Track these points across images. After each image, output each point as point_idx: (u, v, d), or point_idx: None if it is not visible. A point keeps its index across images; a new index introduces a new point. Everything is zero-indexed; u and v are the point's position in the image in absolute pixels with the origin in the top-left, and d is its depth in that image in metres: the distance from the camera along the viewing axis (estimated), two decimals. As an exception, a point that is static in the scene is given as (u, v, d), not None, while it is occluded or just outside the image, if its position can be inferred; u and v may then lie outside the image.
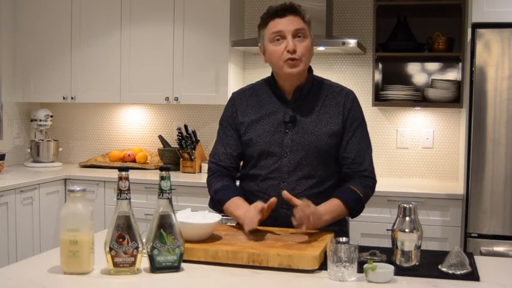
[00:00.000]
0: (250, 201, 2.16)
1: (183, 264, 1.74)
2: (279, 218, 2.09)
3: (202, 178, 3.94)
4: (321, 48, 3.84)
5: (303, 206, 1.95)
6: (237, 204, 2.13)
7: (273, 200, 1.99)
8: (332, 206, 2.09)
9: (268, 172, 2.17)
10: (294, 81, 2.17)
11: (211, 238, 1.90)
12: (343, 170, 2.20)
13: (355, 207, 2.15)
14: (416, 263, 1.77)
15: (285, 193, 1.99)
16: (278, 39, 2.11)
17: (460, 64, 3.77)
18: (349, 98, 2.20)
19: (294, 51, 2.09)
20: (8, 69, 4.43)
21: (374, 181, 2.22)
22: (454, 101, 3.76)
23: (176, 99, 4.17)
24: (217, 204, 2.20)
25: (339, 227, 2.15)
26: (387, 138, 4.13)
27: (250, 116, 2.21)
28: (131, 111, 4.66)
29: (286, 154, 2.15)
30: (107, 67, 4.29)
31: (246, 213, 2.04)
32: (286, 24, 2.10)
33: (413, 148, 4.10)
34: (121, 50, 4.26)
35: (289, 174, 2.15)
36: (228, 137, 2.24)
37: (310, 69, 2.24)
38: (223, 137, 2.26)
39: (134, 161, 4.45)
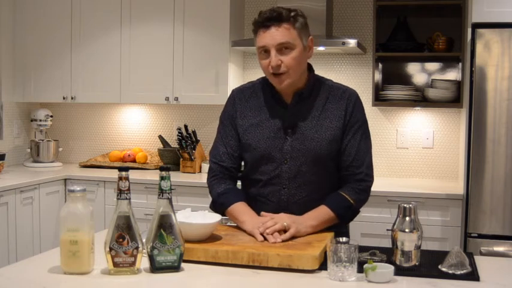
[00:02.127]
0: (251, 206, 2.15)
1: (183, 264, 1.74)
2: None
3: (202, 178, 3.95)
4: (321, 48, 3.84)
5: (276, 217, 1.99)
6: (241, 210, 2.11)
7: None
8: (316, 211, 2.08)
9: (269, 178, 2.15)
10: (288, 89, 2.13)
11: (211, 238, 1.90)
12: (341, 172, 2.17)
13: (345, 215, 2.12)
14: (416, 263, 1.77)
15: (263, 214, 2.06)
16: (264, 53, 2.07)
17: (460, 64, 3.77)
18: (351, 101, 2.14)
19: (277, 67, 2.04)
20: (8, 69, 4.43)
21: (369, 183, 2.17)
22: (454, 101, 3.76)
23: (176, 99, 4.17)
24: (220, 208, 2.18)
25: (338, 228, 2.14)
26: (387, 138, 4.13)
27: (249, 119, 2.18)
28: (131, 111, 4.66)
29: (287, 161, 2.13)
30: (107, 67, 4.29)
31: (253, 220, 2.03)
32: (270, 37, 2.03)
33: (413, 148, 4.10)
34: (121, 50, 4.26)
35: (289, 180, 2.13)
36: (229, 136, 2.22)
37: (311, 68, 2.20)
38: (223, 136, 2.23)
39: (134, 161, 4.45)
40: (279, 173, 2.14)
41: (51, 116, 4.59)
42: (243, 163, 2.30)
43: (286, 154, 2.13)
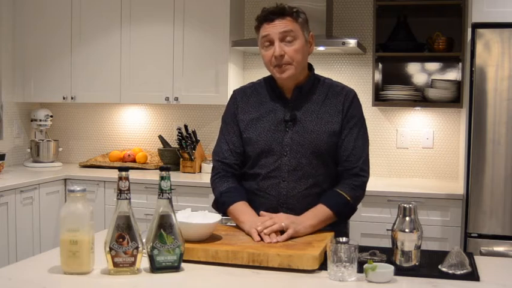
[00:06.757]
0: (250, 200, 2.17)
1: (183, 264, 1.74)
2: None
3: (202, 178, 3.95)
4: (321, 48, 3.84)
5: (275, 217, 1.99)
6: (242, 210, 2.12)
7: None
8: (314, 210, 2.08)
9: (268, 171, 2.17)
10: (289, 82, 2.17)
11: (211, 238, 1.90)
12: (338, 167, 2.20)
13: (342, 212, 2.14)
14: (416, 263, 1.77)
15: (262, 213, 2.06)
16: (268, 45, 2.12)
17: (460, 64, 3.77)
18: (349, 97, 2.20)
19: (281, 57, 2.09)
20: (8, 69, 4.43)
21: (365, 178, 2.18)
22: (454, 101, 3.76)
23: (176, 99, 4.17)
24: (221, 207, 2.20)
25: (338, 228, 2.14)
26: (387, 138, 4.13)
27: (250, 114, 2.22)
28: (131, 111, 4.66)
29: (286, 153, 2.15)
30: (107, 67, 4.29)
31: (252, 220, 2.03)
32: (274, 27, 2.10)
33: (413, 148, 4.10)
34: (121, 50, 4.26)
35: (289, 173, 2.15)
36: (231, 134, 2.24)
37: (311, 67, 2.24)
38: (226, 134, 2.26)
39: (134, 161, 4.45)
40: (279, 166, 2.15)
41: (51, 116, 4.59)
42: None
43: (286, 146, 2.15)
